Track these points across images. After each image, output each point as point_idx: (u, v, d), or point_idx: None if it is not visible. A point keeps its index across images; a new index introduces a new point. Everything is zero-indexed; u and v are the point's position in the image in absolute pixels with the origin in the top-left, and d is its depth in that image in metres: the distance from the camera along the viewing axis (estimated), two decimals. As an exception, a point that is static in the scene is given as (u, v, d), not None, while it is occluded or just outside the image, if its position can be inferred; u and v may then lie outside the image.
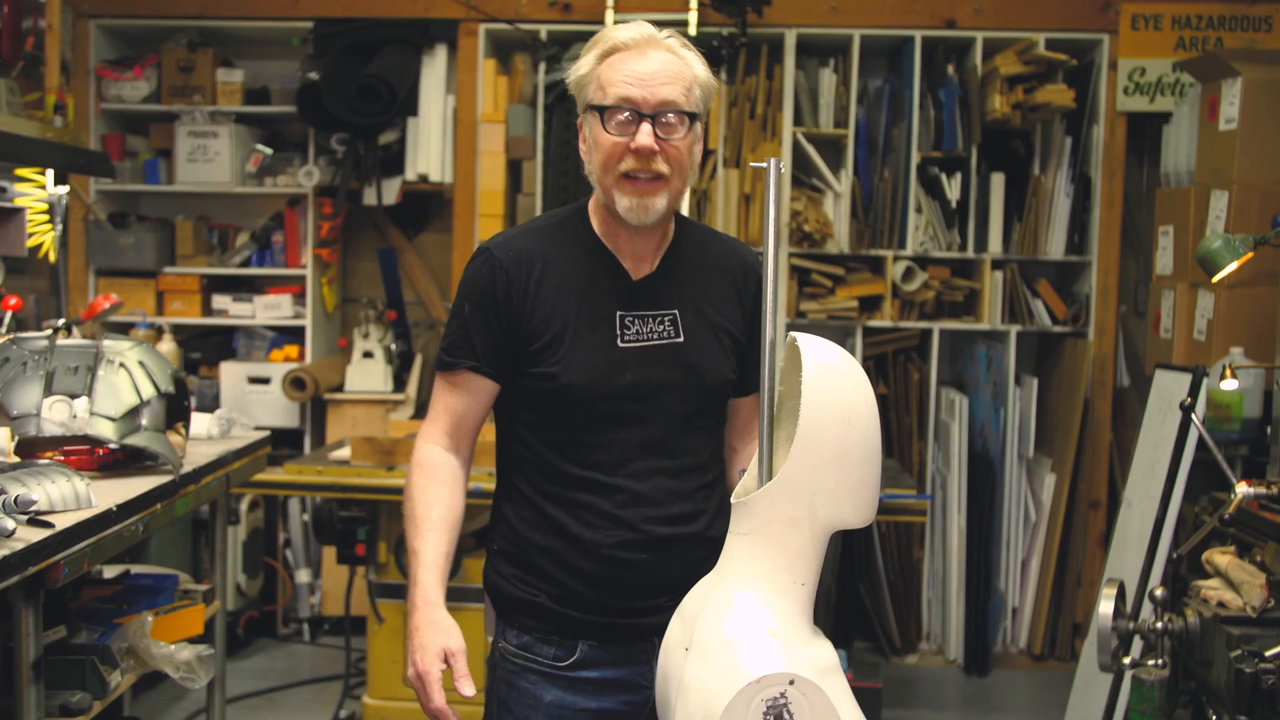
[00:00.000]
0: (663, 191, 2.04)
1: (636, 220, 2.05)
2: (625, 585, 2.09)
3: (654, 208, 2.04)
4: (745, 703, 1.64)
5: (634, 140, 2.00)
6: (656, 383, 2.08)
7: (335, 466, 4.31)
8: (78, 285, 5.61)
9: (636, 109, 2.00)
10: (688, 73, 2.05)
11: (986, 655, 5.45)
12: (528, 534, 2.13)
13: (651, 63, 2.02)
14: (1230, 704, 2.77)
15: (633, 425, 2.07)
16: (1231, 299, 4.39)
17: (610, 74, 2.03)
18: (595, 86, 2.05)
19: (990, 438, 5.48)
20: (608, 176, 2.04)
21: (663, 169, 2.03)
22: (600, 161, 2.05)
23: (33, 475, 2.38)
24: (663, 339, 2.10)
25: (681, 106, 2.02)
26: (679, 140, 2.03)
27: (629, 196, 2.03)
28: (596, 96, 2.04)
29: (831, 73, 5.51)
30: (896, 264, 5.43)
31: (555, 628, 2.12)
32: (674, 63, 2.04)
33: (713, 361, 2.13)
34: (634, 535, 2.07)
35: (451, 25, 5.48)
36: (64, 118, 4.61)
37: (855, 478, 1.76)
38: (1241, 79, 4.38)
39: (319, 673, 5.17)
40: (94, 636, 2.78)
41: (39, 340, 2.82)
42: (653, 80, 2.00)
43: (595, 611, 2.10)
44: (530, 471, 2.14)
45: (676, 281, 2.15)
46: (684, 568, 2.08)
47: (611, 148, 2.02)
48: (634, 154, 2.01)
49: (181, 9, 5.61)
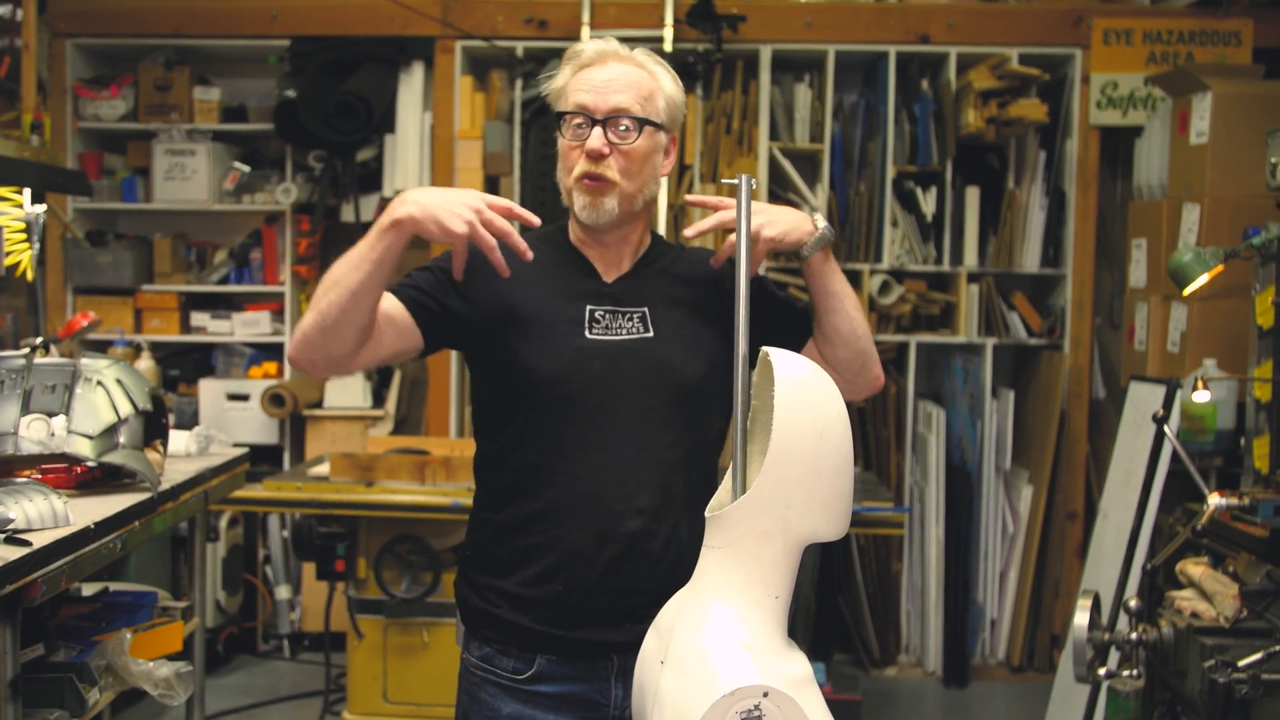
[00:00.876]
0: (613, 193, 2.10)
1: (590, 220, 2.12)
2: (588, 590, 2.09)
3: (604, 207, 2.10)
4: (720, 715, 1.65)
5: (585, 144, 2.08)
6: (624, 375, 2.10)
7: (314, 483, 4.31)
8: (56, 303, 5.61)
9: (589, 114, 2.08)
10: (647, 83, 2.12)
11: (965, 667, 5.47)
12: (496, 537, 2.15)
13: (609, 71, 2.11)
14: (1204, 714, 2.80)
15: (600, 417, 2.08)
16: (1205, 311, 4.43)
17: (573, 84, 2.12)
18: (562, 96, 2.14)
19: (967, 450, 5.51)
20: (568, 178, 2.12)
21: (610, 173, 2.09)
22: (564, 167, 2.14)
23: (10, 494, 2.39)
24: (631, 334, 2.13)
25: (633, 112, 2.09)
26: (630, 145, 2.09)
27: (583, 196, 2.11)
28: (559, 105, 2.14)
29: (807, 88, 5.54)
30: (873, 278, 5.46)
31: (514, 639, 2.13)
32: (632, 73, 2.11)
33: (683, 357, 2.14)
34: (601, 527, 2.07)
35: (428, 43, 5.50)
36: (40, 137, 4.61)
37: (828, 490, 1.77)
38: (1212, 93, 4.43)
39: (299, 689, 5.16)
40: (72, 654, 2.78)
41: (16, 359, 2.82)
42: (606, 88, 2.09)
43: (555, 624, 2.10)
44: (503, 470, 2.15)
45: (648, 284, 2.19)
46: (649, 568, 2.09)
47: (567, 151, 2.12)
48: (586, 157, 2.08)
49: (158, 28, 5.62)
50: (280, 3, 5.56)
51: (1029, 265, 5.55)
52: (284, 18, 5.54)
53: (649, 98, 2.11)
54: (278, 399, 5.40)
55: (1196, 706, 2.86)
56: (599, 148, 2.07)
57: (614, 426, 2.09)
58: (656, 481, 2.10)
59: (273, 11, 5.54)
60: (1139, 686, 3.05)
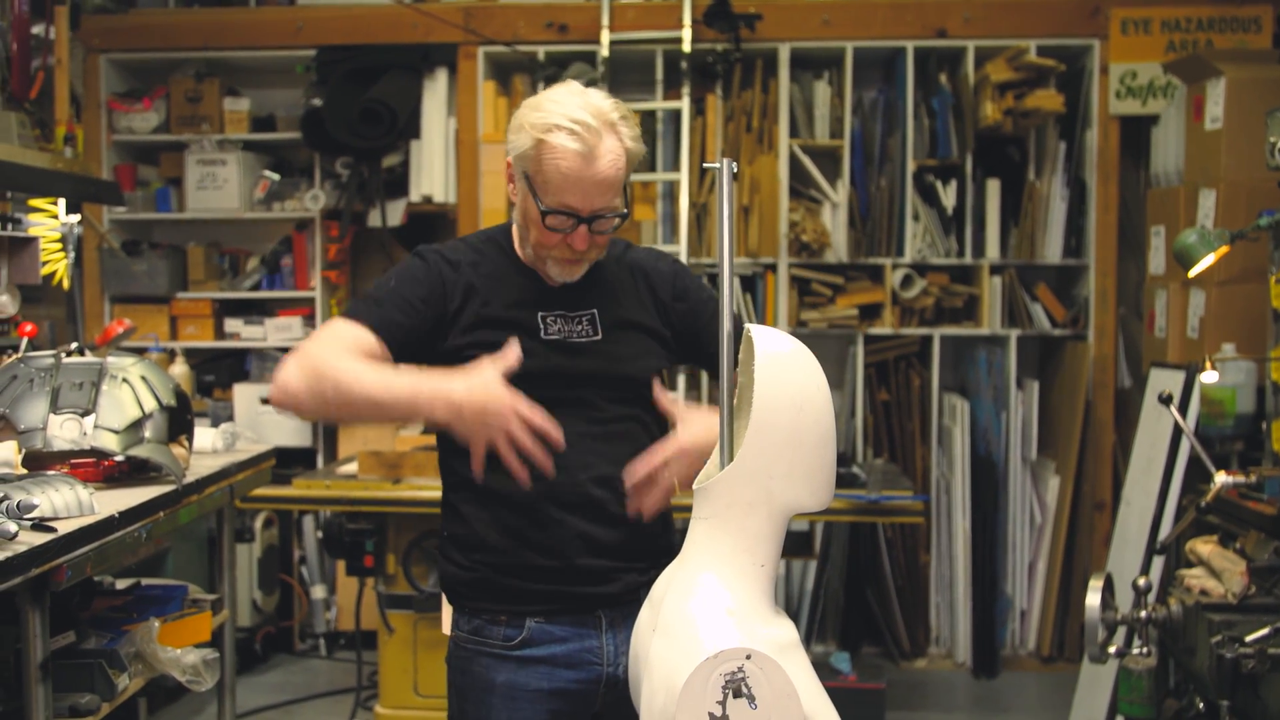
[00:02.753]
0: (586, 264, 2.21)
1: (562, 280, 2.21)
2: (563, 543, 2.17)
3: (578, 273, 2.21)
4: (704, 677, 1.71)
5: (569, 238, 2.13)
6: (579, 371, 2.19)
7: (343, 481, 4.40)
8: (93, 312, 5.74)
9: (575, 215, 2.11)
10: (622, 163, 2.12)
11: (995, 658, 5.49)
12: (470, 512, 2.22)
13: (595, 170, 2.09)
14: (1213, 689, 2.83)
15: (558, 406, 2.12)
16: (1223, 296, 4.44)
17: (552, 171, 2.09)
18: (535, 172, 2.10)
19: (993, 441, 5.53)
20: (541, 250, 2.17)
21: (590, 256, 2.19)
22: (535, 240, 2.17)
23: (37, 484, 2.48)
24: (583, 338, 2.22)
25: (617, 208, 2.15)
26: (608, 232, 2.17)
27: (557, 266, 2.19)
28: (537, 184, 2.11)
29: (826, 85, 5.59)
30: (895, 272, 5.50)
31: (502, 604, 2.20)
32: (611, 158, 2.10)
33: (632, 352, 2.24)
34: (567, 494, 2.15)
35: (451, 49, 5.60)
36: (74, 149, 4.74)
37: (809, 461, 1.83)
38: (1225, 78, 4.44)
39: (335, 686, 5.26)
40: (103, 642, 2.88)
41: (45, 358, 2.93)
42: (594, 190, 2.10)
43: (540, 578, 2.18)
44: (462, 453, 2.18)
45: (593, 286, 2.25)
46: (619, 532, 2.18)
47: (549, 237, 2.15)
48: (568, 246, 2.15)
49: (188, 41, 5.75)
50: (306, 14, 5.68)
51: (1051, 256, 5.57)
52: (309, 28, 5.65)
53: (622, 182, 2.14)
54: (310, 402, 5.49)
55: (1205, 682, 2.89)
56: (585, 248, 2.15)
57: (572, 413, 2.16)
58: (617, 451, 2.18)
59: (299, 22, 5.65)
60: (1151, 665, 3.08)
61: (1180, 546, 3.49)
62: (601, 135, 2.09)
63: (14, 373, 2.89)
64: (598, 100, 2.12)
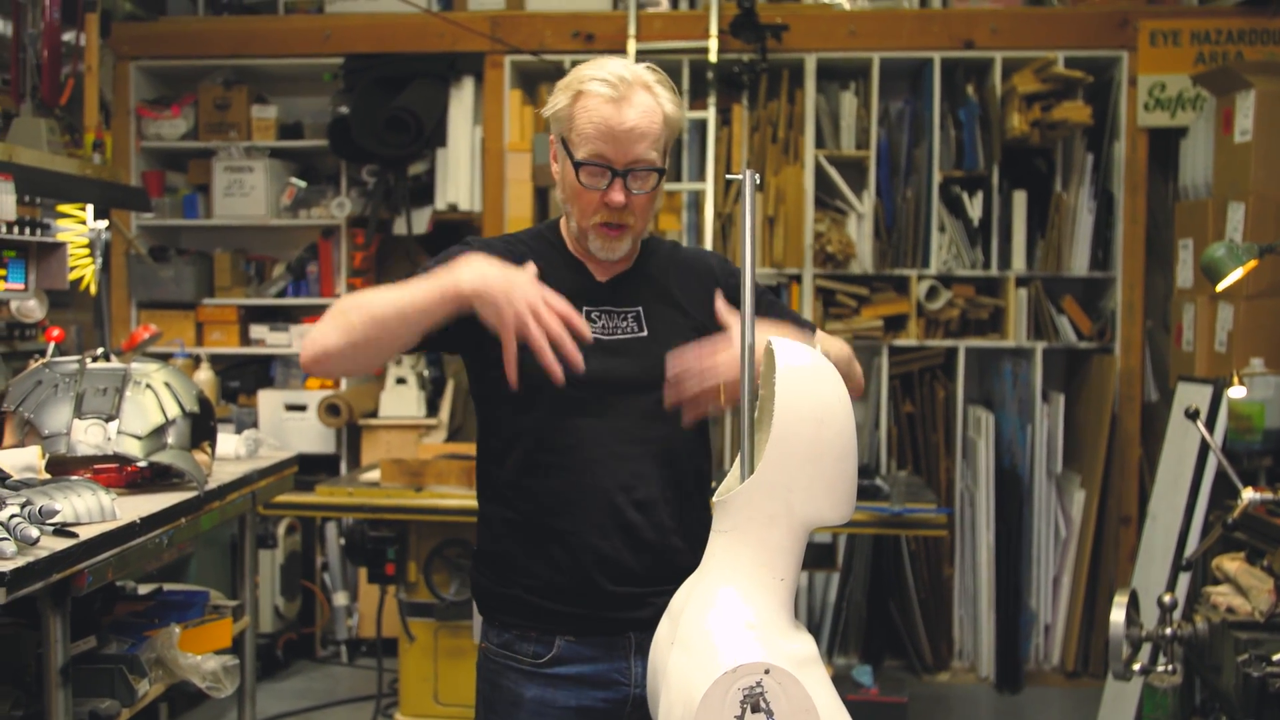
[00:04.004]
0: (628, 236, 2.17)
1: (605, 257, 2.19)
2: (597, 569, 2.14)
3: (620, 249, 2.18)
4: (722, 692, 1.69)
5: (606, 194, 2.11)
6: (621, 374, 2.15)
7: (365, 488, 4.40)
8: (120, 317, 5.77)
9: (609, 166, 2.09)
10: (658, 119, 2.11)
11: (1018, 672, 5.46)
12: (504, 530, 2.20)
13: (626, 117, 2.08)
14: (1239, 708, 2.79)
15: (599, 413, 2.13)
16: (1251, 310, 4.41)
17: (585, 123, 2.09)
18: (571, 130, 2.11)
19: (1018, 454, 5.50)
20: (584, 220, 2.15)
21: (629, 220, 2.14)
22: (577, 209, 2.15)
23: (59, 489, 2.49)
24: (628, 334, 2.18)
25: (653, 161, 2.12)
26: (646, 192, 2.13)
27: (599, 240, 2.16)
28: (572, 141, 2.11)
29: (852, 95, 5.58)
30: (920, 283, 5.48)
31: (533, 622, 2.18)
32: (647, 111, 2.10)
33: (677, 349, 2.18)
34: (602, 519, 2.13)
35: (478, 58, 5.61)
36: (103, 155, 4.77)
37: (830, 475, 1.81)
38: (1255, 91, 4.41)
39: (356, 693, 5.26)
40: (124, 647, 2.89)
41: (70, 364, 2.94)
42: (626, 138, 2.08)
43: (570, 601, 2.16)
44: (504, 465, 2.20)
45: (641, 283, 2.24)
46: (652, 556, 2.15)
47: (586, 199, 2.13)
48: (604, 207, 2.12)
49: (217, 49, 5.79)
50: (334, 22, 5.70)
51: (1078, 268, 5.54)
52: (337, 37, 5.67)
53: (659, 137, 2.12)
54: (334, 409, 5.51)
55: (1231, 701, 2.86)
56: (621, 201, 2.10)
57: (612, 422, 2.14)
58: (655, 473, 2.16)
59: (326, 31, 5.67)
60: (1176, 682, 3.05)
61: (1207, 563, 3.46)
62: (635, 89, 2.09)
63: (39, 377, 2.90)
64: (636, 65, 2.14)
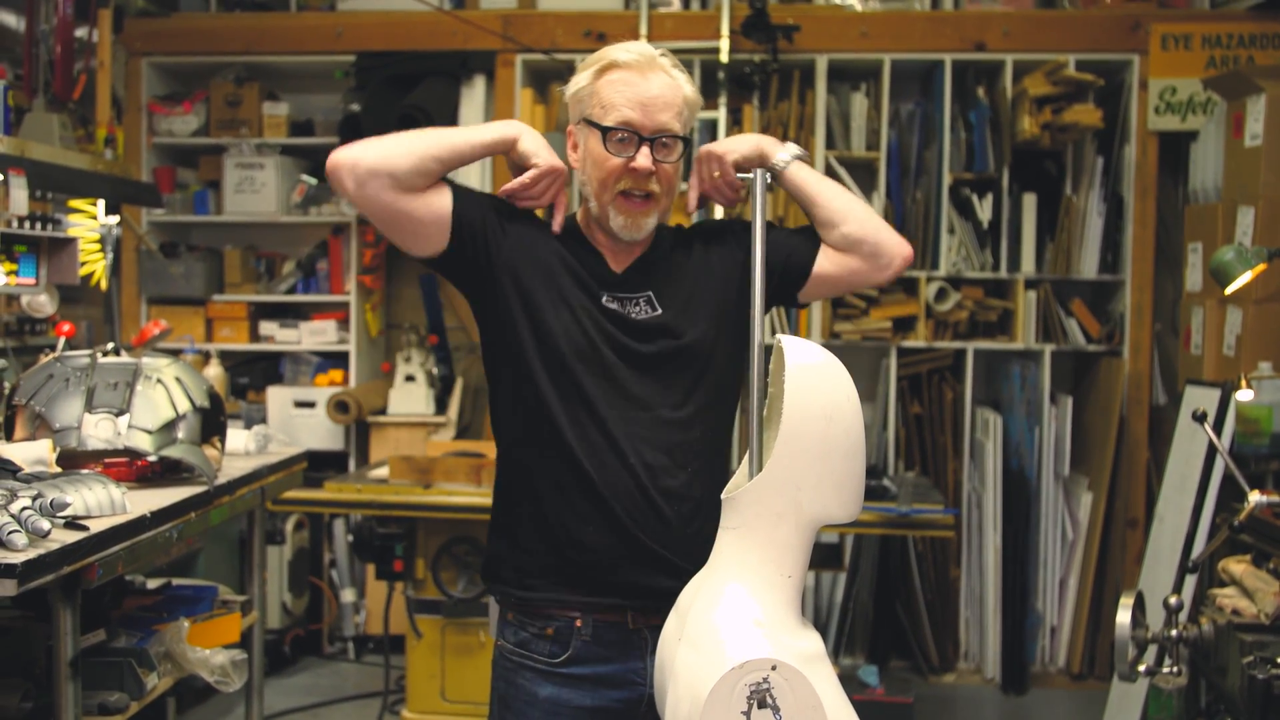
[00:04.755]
0: (654, 211, 2.19)
1: (628, 236, 2.20)
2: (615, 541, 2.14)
3: (645, 225, 2.19)
4: (729, 687, 1.71)
5: (633, 160, 2.13)
6: (637, 348, 2.17)
7: (374, 485, 4.42)
8: (130, 313, 5.79)
9: (637, 132, 2.13)
10: (680, 95, 2.18)
11: (1024, 674, 5.46)
12: (523, 507, 2.21)
13: (651, 86, 2.15)
14: (1244, 711, 2.79)
15: (615, 388, 2.15)
16: (1260, 314, 4.40)
17: (611, 94, 2.15)
18: (595, 104, 2.17)
19: (1025, 456, 5.50)
20: (605, 193, 2.17)
21: (655, 189, 2.17)
22: (598, 179, 2.17)
23: (70, 482, 2.50)
24: (642, 315, 2.20)
25: (677, 131, 2.17)
26: (671, 162, 2.17)
27: (623, 215, 2.17)
28: (597, 114, 2.16)
29: (863, 97, 5.59)
30: (930, 284, 5.48)
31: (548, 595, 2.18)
32: (670, 86, 2.17)
33: (692, 326, 2.21)
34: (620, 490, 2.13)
35: (489, 56, 5.62)
36: (114, 151, 4.79)
37: (838, 473, 1.83)
38: (1266, 95, 4.40)
39: (363, 689, 5.27)
40: (133, 641, 2.90)
41: (81, 358, 2.95)
42: (652, 105, 2.14)
43: (588, 565, 2.15)
44: (521, 439, 2.21)
45: (653, 269, 2.25)
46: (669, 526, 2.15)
47: (611, 166, 2.15)
48: (631, 174, 2.14)
49: (229, 46, 5.80)
50: (346, 19, 5.71)
51: (1087, 271, 5.54)
52: (349, 34, 5.69)
53: (681, 109, 2.18)
54: (343, 406, 5.53)
55: (1237, 703, 2.86)
56: (649, 166, 2.13)
57: (628, 398, 2.16)
58: (671, 444, 2.17)
59: (338, 28, 5.69)
60: (1181, 684, 3.05)
61: (1213, 565, 3.46)
62: (655, 64, 2.18)
63: (50, 371, 2.92)
64: (656, 52, 2.20)
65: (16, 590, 2.12)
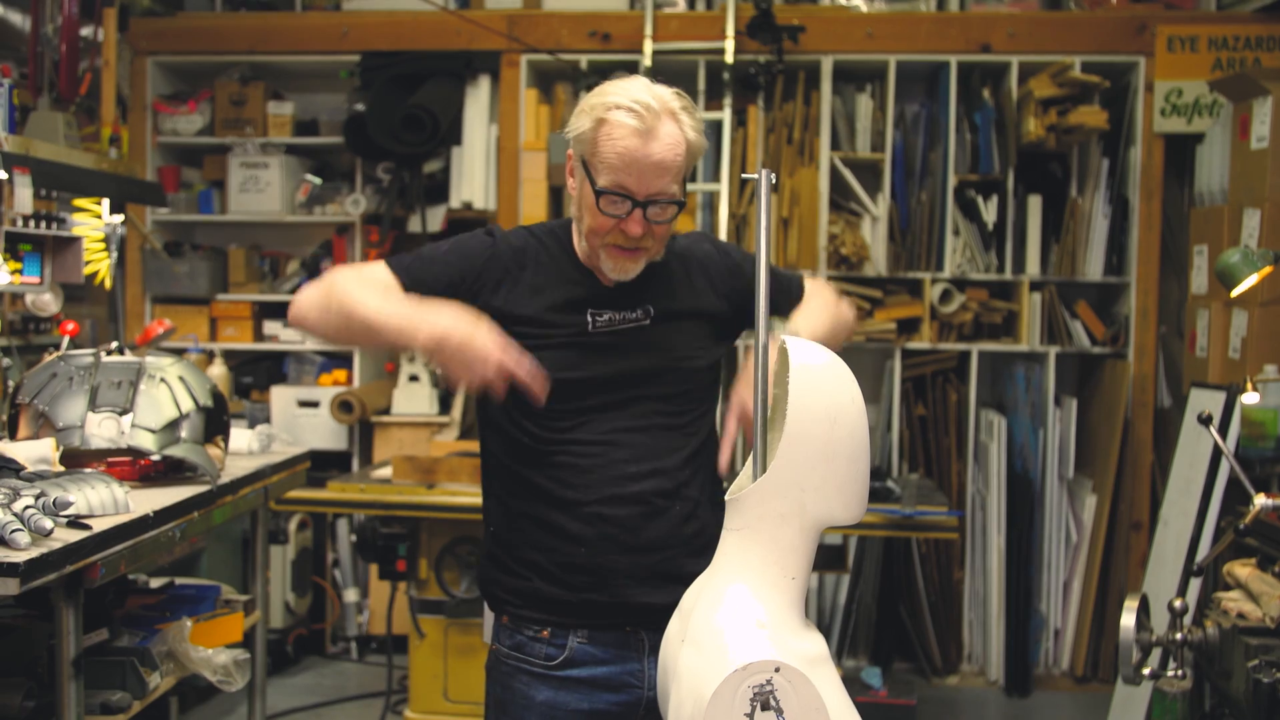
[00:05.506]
0: (643, 258, 2.16)
1: (617, 278, 2.18)
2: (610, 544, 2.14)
3: (633, 270, 2.17)
4: (732, 689, 1.70)
5: (624, 223, 2.09)
6: (627, 363, 2.17)
7: (377, 485, 4.42)
8: (134, 312, 5.79)
9: (630, 196, 2.08)
10: (681, 151, 2.09)
11: (1028, 676, 5.45)
12: (516, 512, 2.21)
13: (651, 151, 2.06)
14: (1249, 714, 2.79)
15: (607, 403, 2.15)
16: (1266, 317, 4.40)
17: (608, 151, 2.07)
18: (592, 154, 2.10)
19: (1030, 459, 5.49)
20: (595, 239, 2.14)
21: (646, 244, 2.14)
22: (590, 226, 2.14)
23: (73, 481, 2.50)
24: (632, 324, 2.20)
25: (674, 195, 2.11)
26: (665, 222, 2.13)
27: (613, 260, 2.15)
28: (593, 166, 2.10)
29: (868, 98, 5.58)
30: (934, 286, 5.47)
31: (546, 616, 2.18)
32: (671, 144, 2.08)
33: (683, 340, 2.22)
34: (613, 490, 2.13)
35: (494, 56, 5.62)
36: (119, 150, 4.80)
37: (842, 474, 1.82)
38: (1272, 97, 4.40)
39: (365, 689, 5.27)
40: (135, 640, 2.90)
41: (85, 357, 2.95)
42: (649, 172, 2.06)
43: (584, 588, 2.15)
44: (512, 448, 2.20)
45: (645, 284, 2.23)
46: (664, 527, 2.15)
47: (601, 223, 2.11)
48: (621, 233, 2.11)
49: (234, 45, 5.80)
50: (351, 19, 5.71)
51: (1092, 273, 5.53)
52: (354, 34, 5.69)
53: (681, 169, 2.11)
54: (346, 406, 5.52)
55: (1241, 707, 2.85)
56: (639, 233, 2.10)
57: (620, 409, 2.16)
58: (663, 447, 2.17)
59: (344, 28, 5.69)
60: (1185, 687, 3.04)
61: (1218, 569, 3.45)
62: (662, 118, 2.07)
63: (54, 370, 2.92)
64: (661, 89, 2.11)
65: (19, 589, 2.12)
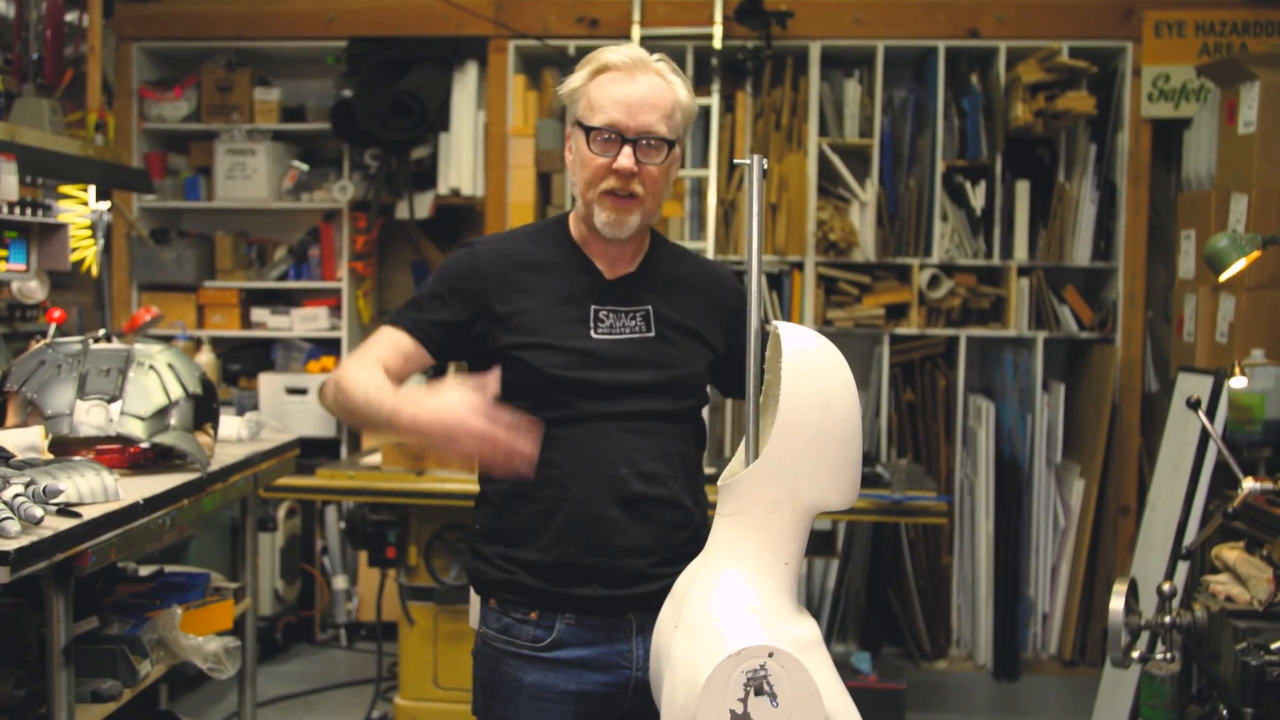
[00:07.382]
0: (637, 210, 2.18)
1: (612, 234, 2.19)
2: (600, 541, 2.15)
3: (629, 224, 2.18)
4: (726, 674, 1.70)
5: (615, 161, 2.13)
6: (628, 372, 2.18)
7: (366, 471, 4.41)
8: (121, 299, 5.77)
9: (620, 132, 2.13)
10: (670, 98, 2.17)
11: (1016, 660, 5.47)
12: (506, 504, 2.21)
13: (638, 88, 2.14)
14: (1237, 696, 2.80)
15: (605, 407, 2.16)
16: (1252, 301, 4.40)
17: (599, 94, 2.15)
18: (585, 104, 2.17)
19: (1018, 444, 5.51)
20: (590, 191, 2.17)
21: (638, 190, 2.16)
22: (585, 178, 2.18)
23: (63, 469, 2.50)
24: (635, 333, 2.21)
25: (662, 134, 2.15)
26: (656, 164, 2.16)
27: (607, 212, 2.17)
28: (585, 114, 2.17)
29: (856, 84, 5.58)
30: (923, 272, 5.48)
31: (531, 602, 2.19)
32: (659, 89, 2.16)
33: (683, 355, 2.24)
34: (607, 489, 2.14)
35: (482, 42, 5.60)
36: (105, 136, 4.76)
37: (835, 459, 1.82)
38: (1260, 82, 4.40)
39: (355, 676, 5.27)
40: (125, 628, 2.89)
41: (73, 344, 2.94)
42: (637, 107, 2.13)
43: (573, 584, 2.16)
44: None
45: (649, 283, 2.26)
46: (656, 530, 2.17)
47: (595, 166, 2.15)
48: (614, 174, 2.14)
49: (220, 31, 5.77)
50: (338, 5, 5.69)
51: (1080, 258, 5.54)
52: (341, 19, 5.66)
53: (671, 114, 2.17)
54: (335, 392, 5.50)
55: (1230, 689, 2.86)
56: (630, 167, 2.13)
57: (618, 416, 2.17)
58: (657, 451, 2.19)
59: (330, 14, 5.66)
60: (1174, 670, 3.05)
61: (1206, 552, 3.47)
62: (650, 68, 2.17)
63: (42, 358, 2.90)
64: (652, 56, 2.20)
65: (9, 577, 2.12)
